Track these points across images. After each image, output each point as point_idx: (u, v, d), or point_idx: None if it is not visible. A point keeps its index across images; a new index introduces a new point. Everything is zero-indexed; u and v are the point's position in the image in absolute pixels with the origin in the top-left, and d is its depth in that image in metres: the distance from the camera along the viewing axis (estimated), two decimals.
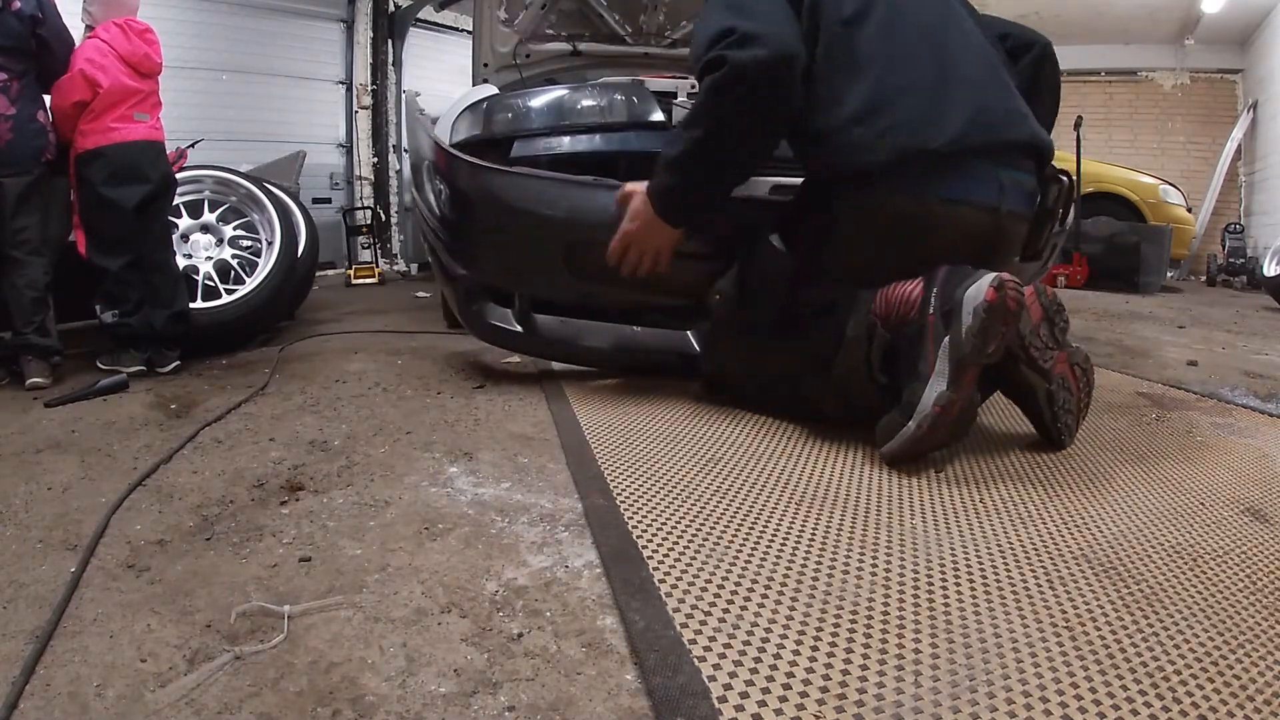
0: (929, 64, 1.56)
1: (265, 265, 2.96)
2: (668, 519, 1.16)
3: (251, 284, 2.88)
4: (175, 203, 2.93)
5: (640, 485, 1.30)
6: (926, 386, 1.35)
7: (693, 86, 2.30)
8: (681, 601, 0.92)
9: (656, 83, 2.63)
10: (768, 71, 1.51)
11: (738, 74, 1.51)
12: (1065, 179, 1.66)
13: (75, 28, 2.45)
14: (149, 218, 2.46)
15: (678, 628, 0.86)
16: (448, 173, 2.08)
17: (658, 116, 2.50)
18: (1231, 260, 6.90)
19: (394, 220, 6.85)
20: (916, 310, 1.43)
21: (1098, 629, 0.88)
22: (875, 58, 1.55)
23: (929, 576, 1.00)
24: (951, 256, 1.51)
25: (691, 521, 1.15)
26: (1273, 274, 4.86)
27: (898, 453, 1.41)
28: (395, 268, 6.76)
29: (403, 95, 6.37)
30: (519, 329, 2.04)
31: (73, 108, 2.32)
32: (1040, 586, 0.97)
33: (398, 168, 6.86)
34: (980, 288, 1.32)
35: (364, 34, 6.47)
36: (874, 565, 1.03)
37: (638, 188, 1.73)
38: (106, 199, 2.35)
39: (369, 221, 6.42)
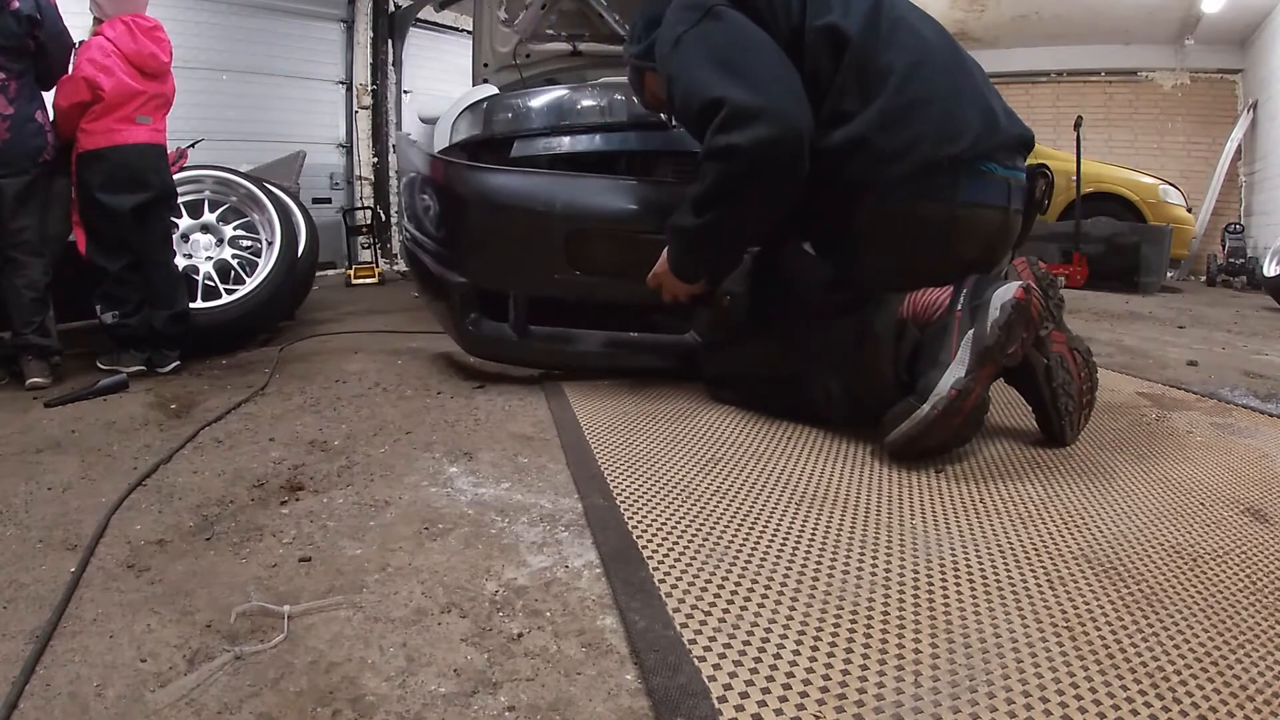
0: (939, 72, 1.58)
1: (265, 265, 2.96)
2: (668, 519, 1.16)
3: (251, 284, 2.88)
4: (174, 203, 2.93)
5: (640, 485, 1.30)
6: (945, 371, 1.38)
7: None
8: (681, 601, 0.92)
9: None
10: (781, 153, 1.49)
11: (751, 165, 1.50)
12: (1049, 174, 1.73)
13: (79, 28, 2.44)
14: (149, 221, 2.46)
15: (678, 628, 0.86)
16: (443, 179, 2.08)
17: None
18: (1231, 260, 6.89)
19: (394, 220, 6.85)
20: (944, 310, 1.48)
21: (1098, 629, 0.88)
22: (891, 71, 1.54)
23: (929, 576, 1.00)
24: (969, 255, 1.58)
25: (691, 521, 1.15)
26: (1273, 274, 4.86)
27: (905, 437, 1.41)
28: (395, 268, 6.76)
29: (395, 137, 6.40)
30: (515, 338, 2.03)
31: (73, 109, 2.32)
32: (1040, 586, 0.97)
33: (398, 168, 6.87)
34: (1010, 288, 1.38)
35: (364, 34, 6.47)
36: (874, 565, 1.03)
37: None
38: (104, 202, 2.34)
39: (369, 221, 6.43)
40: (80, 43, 2.39)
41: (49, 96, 2.36)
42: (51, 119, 2.34)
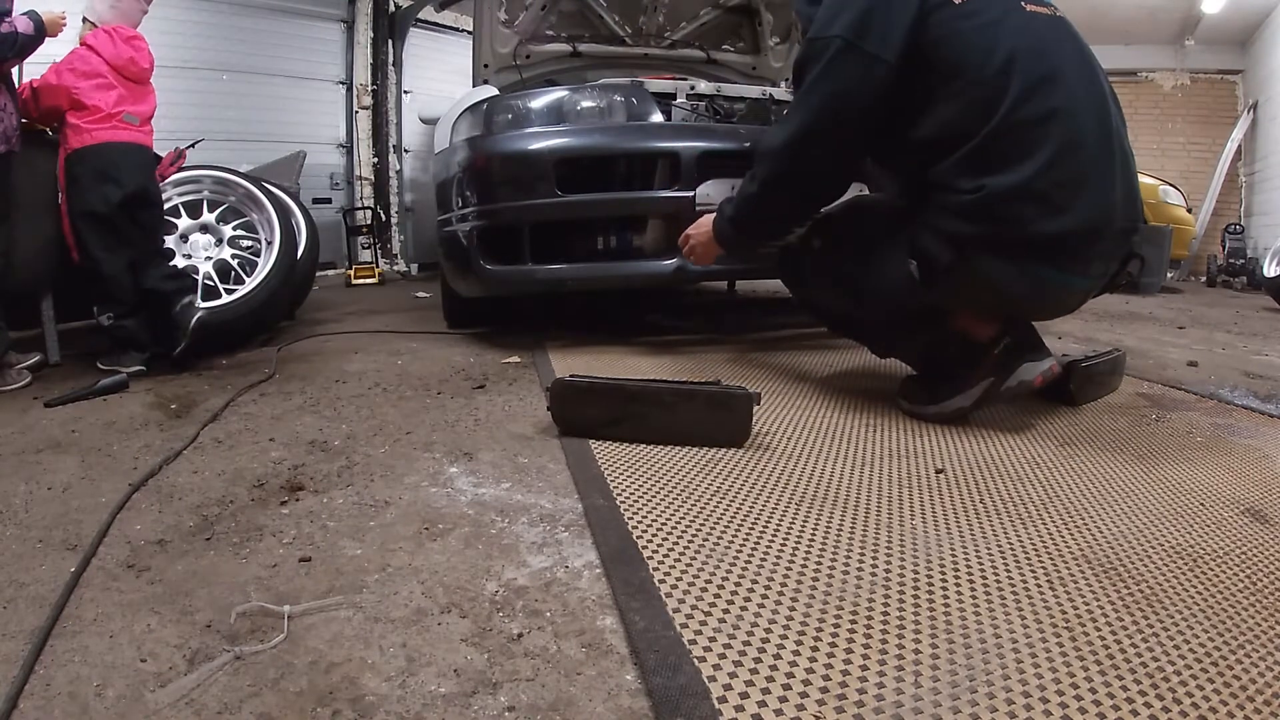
0: (1097, 147, 1.54)
1: (265, 265, 2.96)
2: (668, 519, 1.16)
3: (251, 284, 2.88)
4: (176, 203, 2.93)
5: (640, 485, 1.30)
6: (958, 396, 1.69)
7: (691, 90, 2.68)
8: (681, 601, 0.92)
9: (655, 84, 2.64)
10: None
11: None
12: (1140, 260, 1.72)
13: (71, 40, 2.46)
14: (138, 220, 2.47)
15: (678, 628, 0.86)
16: (475, 152, 2.53)
17: (657, 118, 2.52)
18: (1231, 261, 6.90)
19: (394, 220, 6.85)
20: (989, 339, 1.67)
21: (1098, 629, 0.87)
22: (1049, 137, 1.49)
23: (929, 576, 1.00)
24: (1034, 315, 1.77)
25: (691, 521, 1.15)
26: (1273, 274, 4.86)
27: (912, 416, 1.76)
28: (395, 268, 6.76)
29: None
30: (523, 269, 2.44)
31: (51, 113, 2.36)
32: (1040, 586, 0.97)
33: (398, 168, 6.86)
34: (1034, 370, 1.62)
35: (364, 34, 6.47)
36: (874, 565, 1.03)
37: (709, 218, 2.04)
38: (93, 199, 2.35)
39: (369, 221, 6.43)
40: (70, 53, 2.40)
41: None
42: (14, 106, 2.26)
